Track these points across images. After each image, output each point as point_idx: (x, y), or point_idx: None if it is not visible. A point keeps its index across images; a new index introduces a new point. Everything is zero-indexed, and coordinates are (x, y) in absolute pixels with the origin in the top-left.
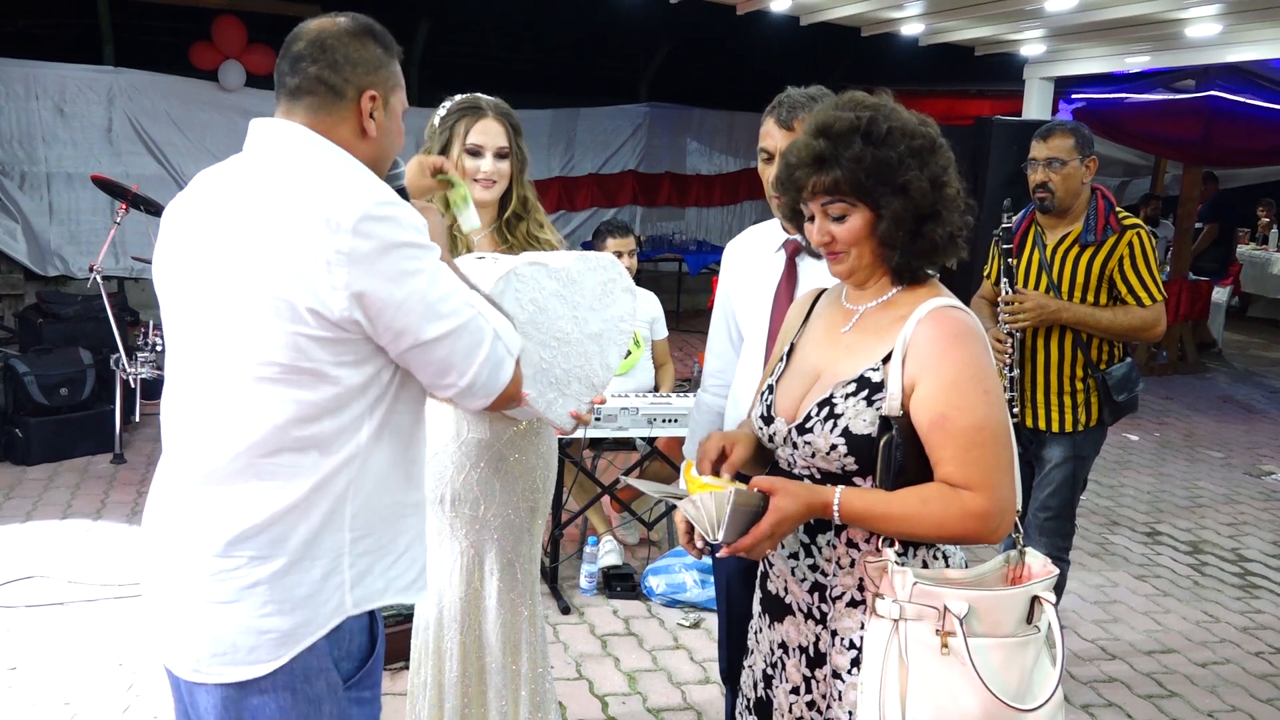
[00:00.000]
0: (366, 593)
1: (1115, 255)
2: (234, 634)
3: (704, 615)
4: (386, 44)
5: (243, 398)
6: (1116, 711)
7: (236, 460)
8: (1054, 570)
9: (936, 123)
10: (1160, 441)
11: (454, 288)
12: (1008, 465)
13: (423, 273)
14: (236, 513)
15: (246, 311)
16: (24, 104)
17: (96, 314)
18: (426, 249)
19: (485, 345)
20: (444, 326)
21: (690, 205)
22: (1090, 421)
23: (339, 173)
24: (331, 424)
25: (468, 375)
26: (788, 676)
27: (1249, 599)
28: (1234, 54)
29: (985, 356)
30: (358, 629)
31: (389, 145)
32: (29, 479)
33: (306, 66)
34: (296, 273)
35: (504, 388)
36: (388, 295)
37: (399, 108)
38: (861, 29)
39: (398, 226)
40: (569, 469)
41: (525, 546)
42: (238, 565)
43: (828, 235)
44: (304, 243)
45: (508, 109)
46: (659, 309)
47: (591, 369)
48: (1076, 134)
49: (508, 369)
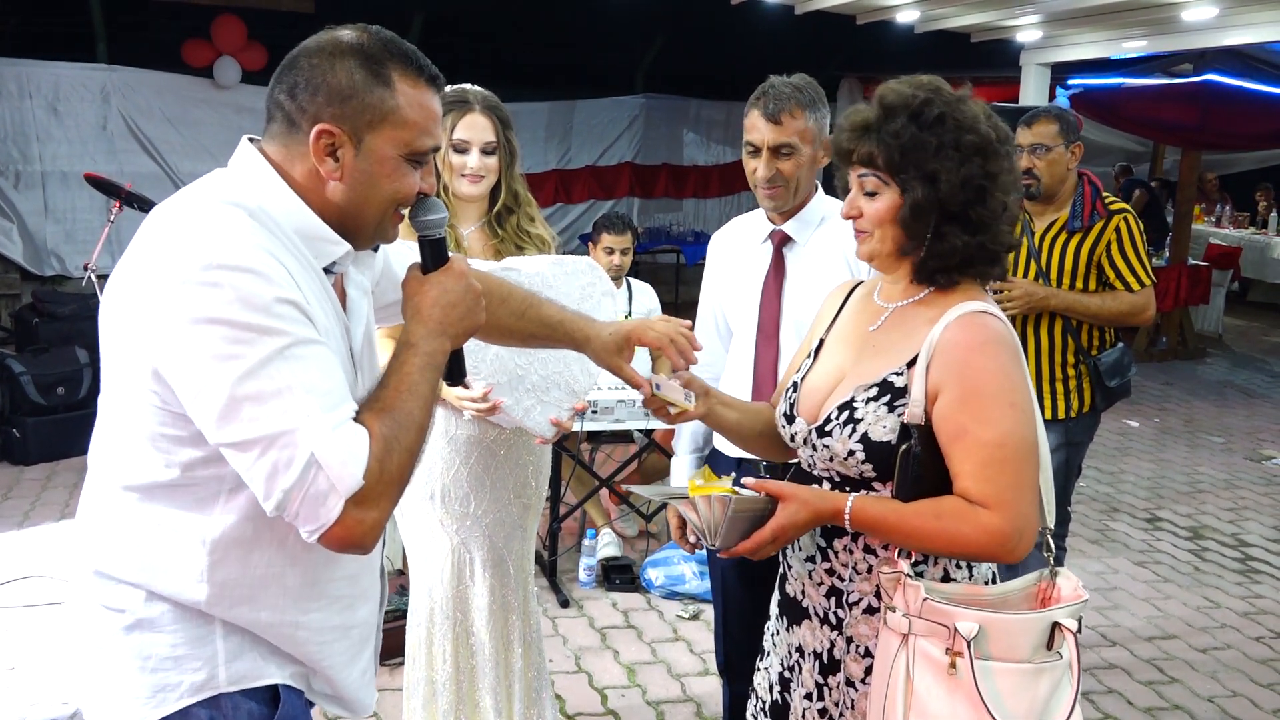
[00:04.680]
0: (252, 669)
1: (1103, 240)
2: (108, 682)
3: (703, 607)
4: (377, 69)
5: (112, 445)
6: (1117, 698)
7: (105, 503)
8: (1083, 595)
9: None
10: (1160, 427)
11: (275, 389)
12: (1030, 483)
13: (236, 359)
14: (107, 559)
15: (114, 354)
16: (17, 102)
17: (92, 313)
18: (259, 333)
19: (294, 470)
20: (240, 433)
21: (687, 196)
22: (1083, 408)
23: (215, 217)
24: (182, 496)
25: (273, 498)
26: (803, 681)
27: (1249, 584)
28: (1231, 37)
29: (1014, 367)
30: (241, 697)
31: (366, 192)
32: (26, 479)
33: (275, 87)
34: (134, 326)
35: (327, 528)
36: (187, 375)
37: (387, 148)
38: (856, 17)
39: (221, 298)
40: (566, 462)
41: (517, 543)
42: (105, 613)
43: (856, 210)
44: (142, 296)
45: (496, 102)
46: (656, 300)
47: (572, 375)
48: (1061, 120)
49: (330, 507)
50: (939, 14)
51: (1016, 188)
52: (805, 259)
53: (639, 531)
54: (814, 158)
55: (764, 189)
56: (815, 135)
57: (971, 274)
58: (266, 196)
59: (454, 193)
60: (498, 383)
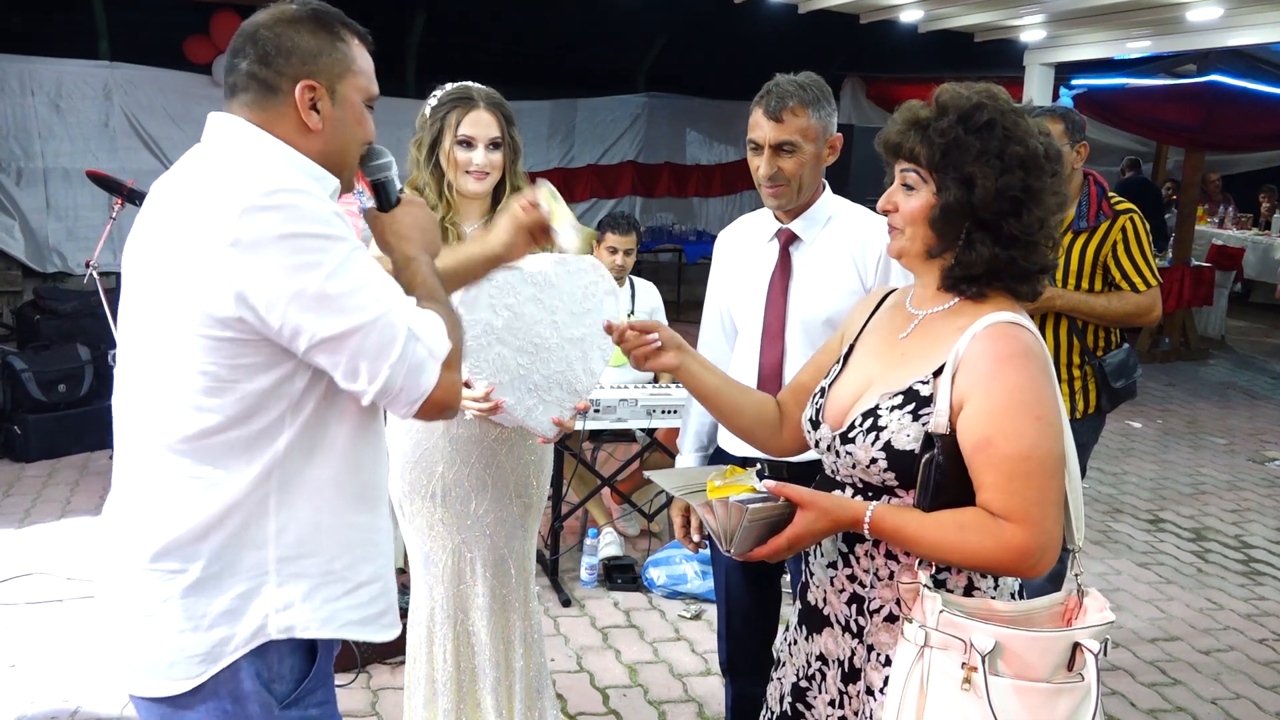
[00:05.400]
0: (300, 620)
1: (1109, 241)
2: (155, 648)
3: (705, 607)
4: (331, 28)
5: (157, 406)
6: (1120, 700)
7: (154, 470)
8: (1110, 617)
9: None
10: (1163, 429)
11: (363, 282)
12: (1054, 499)
13: (319, 265)
14: (156, 524)
15: (155, 313)
16: (19, 100)
17: (93, 310)
18: (330, 239)
19: (397, 345)
20: (345, 323)
21: (690, 195)
22: (1088, 409)
23: (248, 162)
24: (240, 432)
25: (379, 378)
26: (826, 688)
27: (1253, 585)
28: (1235, 38)
29: (1043, 379)
30: (288, 650)
31: (344, 137)
32: (28, 476)
33: (239, 63)
34: (188, 270)
35: (428, 393)
36: (276, 290)
37: (355, 95)
38: (859, 16)
39: (288, 216)
40: (569, 461)
41: (518, 543)
42: (156, 578)
43: (892, 204)
44: (194, 237)
45: (500, 98)
46: (659, 299)
47: (574, 375)
48: (1066, 119)
49: (430, 372)
50: (942, 13)
51: (1061, 209)
52: (812, 258)
53: (641, 531)
54: (818, 156)
55: (767, 187)
56: (819, 133)
57: (999, 287)
58: (266, 148)
59: (458, 189)
60: (499, 382)
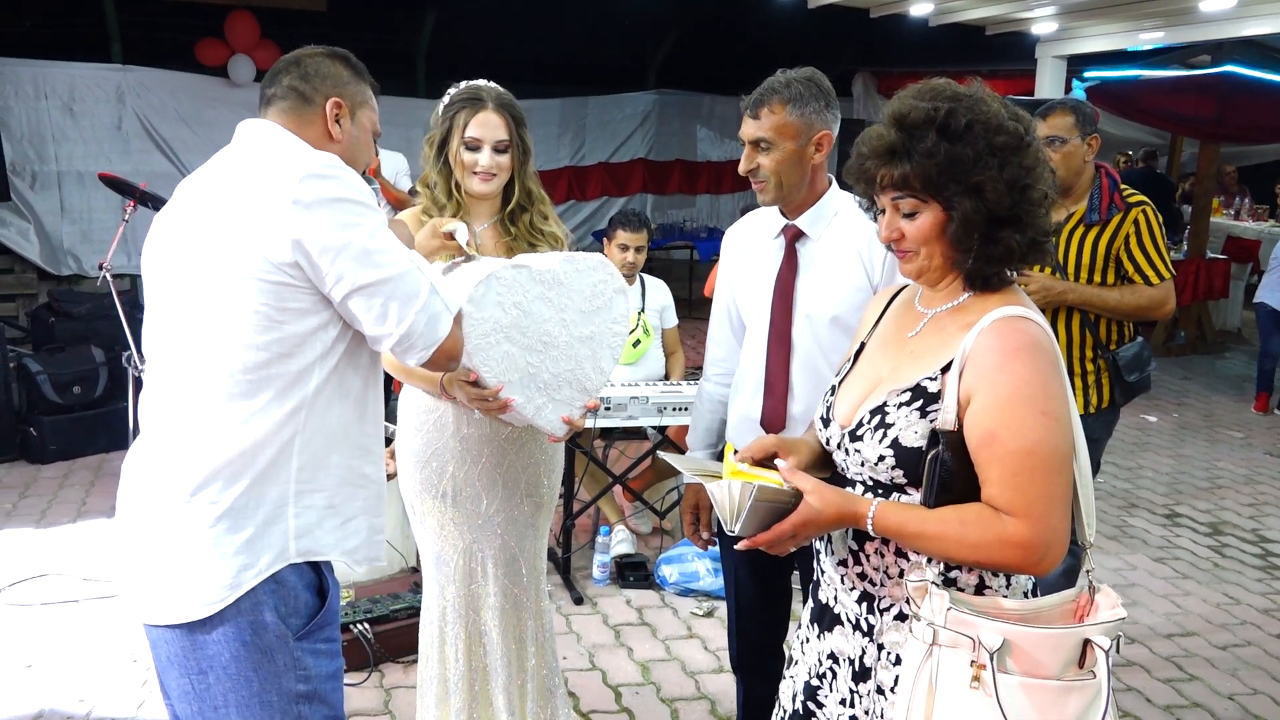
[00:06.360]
0: (313, 545)
1: (1121, 234)
2: (184, 575)
3: (717, 604)
4: (358, 70)
5: (212, 344)
6: (1136, 696)
7: (197, 409)
8: (1122, 614)
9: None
10: (1179, 422)
11: (393, 245)
12: (1060, 495)
13: (361, 226)
14: (197, 457)
15: (214, 265)
16: (33, 104)
17: (107, 312)
18: (369, 209)
19: (422, 296)
20: (380, 273)
21: (701, 192)
22: (1102, 403)
23: (297, 148)
24: (281, 370)
25: (405, 323)
26: (837, 687)
27: (1270, 580)
28: (1249, 28)
29: (1051, 374)
30: (302, 586)
31: (356, 152)
32: (43, 477)
33: (282, 78)
34: (251, 224)
35: (441, 341)
36: (327, 241)
37: (367, 124)
38: (870, 10)
39: (341, 185)
40: (580, 459)
41: (530, 542)
42: (193, 509)
43: (896, 232)
44: (258, 196)
45: (510, 99)
46: (669, 297)
47: (583, 373)
48: (1077, 111)
49: (445, 323)
50: (954, 6)
51: (1050, 169)
52: (818, 254)
53: (653, 528)
54: (799, 153)
55: (752, 182)
56: (799, 130)
57: (1020, 266)
58: (303, 143)
59: (466, 190)
60: (508, 381)
